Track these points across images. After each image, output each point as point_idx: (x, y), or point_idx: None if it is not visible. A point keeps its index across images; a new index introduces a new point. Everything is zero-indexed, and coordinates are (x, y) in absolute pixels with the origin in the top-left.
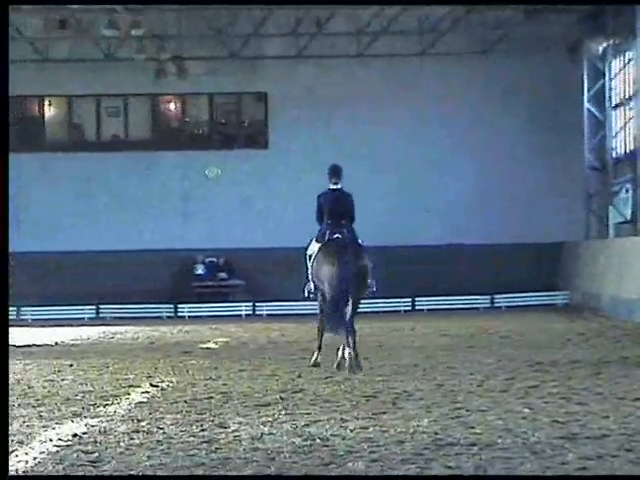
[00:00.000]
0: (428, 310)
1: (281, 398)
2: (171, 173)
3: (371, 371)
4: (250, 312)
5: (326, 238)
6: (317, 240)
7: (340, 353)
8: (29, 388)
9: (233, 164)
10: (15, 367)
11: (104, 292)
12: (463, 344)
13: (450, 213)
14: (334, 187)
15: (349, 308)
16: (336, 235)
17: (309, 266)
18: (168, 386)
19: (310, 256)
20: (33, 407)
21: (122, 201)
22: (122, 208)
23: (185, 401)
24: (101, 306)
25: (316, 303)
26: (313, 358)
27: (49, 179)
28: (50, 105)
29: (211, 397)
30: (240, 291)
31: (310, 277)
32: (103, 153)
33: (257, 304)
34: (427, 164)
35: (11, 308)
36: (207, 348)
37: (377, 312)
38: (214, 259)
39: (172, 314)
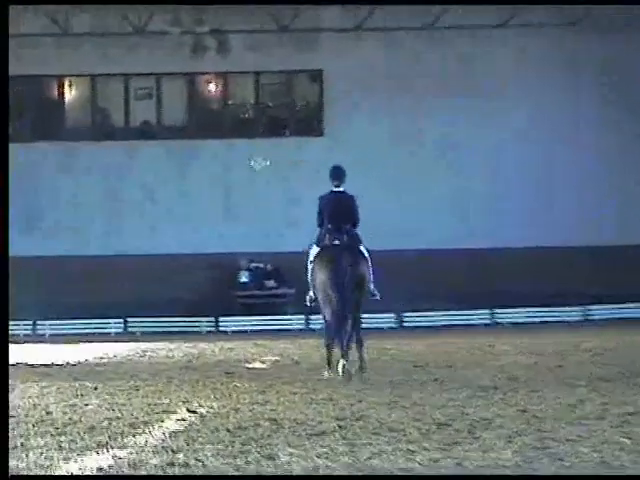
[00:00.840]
0: (510, 324)
1: (339, 426)
2: (210, 165)
3: (443, 395)
4: (303, 326)
5: (325, 243)
6: (316, 244)
7: (338, 366)
8: (47, 414)
9: (283, 154)
10: (31, 390)
11: (133, 303)
12: (550, 363)
13: (534, 210)
14: (336, 189)
15: (348, 318)
16: (336, 240)
17: (309, 272)
18: (208, 412)
19: (312, 261)
20: (52, 436)
21: (154, 197)
22: (154, 205)
23: (228, 429)
24: (130, 319)
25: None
26: (325, 376)
27: (69, 172)
28: (71, 86)
29: (258, 425)
30: (291, 302)
31: (311, 284)
32: (132, 142)
33: (311, 317)
34: (513, 154)
35: (26, 322)
36: (253, 368)
37: (452, 326)
38: (261, 265)
39: (212, 328)
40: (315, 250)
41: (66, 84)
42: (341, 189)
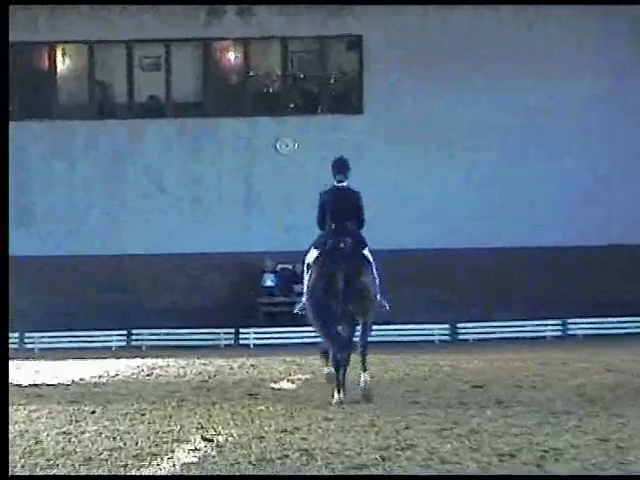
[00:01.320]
0: (584, 336)
1: (382, 458)
2: (229, 148)
3: (507, 421)
4: None
5: (326, 246)
6: (316, 247)
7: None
8: (37, 443)
9: (315, 135)
10: (18, 414)
11: (138, 312)
12: (635, 383)
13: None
14: (339, 184)
15: (346, 331)
16: (341, 244)
17: (305, 277)
18: (227, 441)
19: (308, 265)
20: (42, 469)
21: (162, 186)
22: (162, 196)
23: (250, 462)
24: (134, 331)
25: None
26: (334, 400)
27: (63, 157)
28: (64, 55)
29: (286, 456)
30: None
31: (305, 291)
32: (137, 121)
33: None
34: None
35: (11, 334)
36: (280, 389)
37: (516, 338)
38: (289, 266)
39: (232, 341)
40: (314, 254)
41: (59, 53)
42: (345, 184)
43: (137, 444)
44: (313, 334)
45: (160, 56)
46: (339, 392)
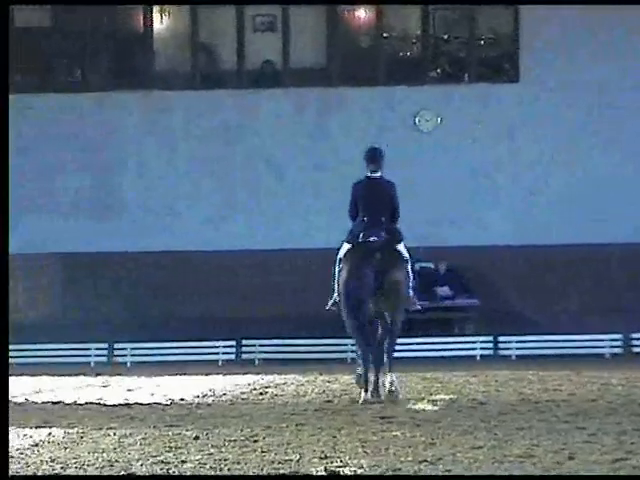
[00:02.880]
0: None
1: None
2: (359, 123)
3: None
4: (490, 352)
5: (359, 239)
6: (348, 241)
7: (371, 380)
8: (129, 475)
9: (462, 107)
10: (106, 440)
11: (248, 319)
12: None
13: None
14: (372, 175)
15: (378, 329)
16: (372, 237)
17: (336, 272)
18: (355, 473)
19: (340, 260)
20: None
21: (280, 169)
22: (280, 181)
23: None
24: (245, 342)
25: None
26: (361, 399)
27: (159, 134)
28: (162, 16)
29: None
30: (473, 317)
31: (336, 286)
32: (248, 91)
33: (501, 339)
34: None
35: (99, 346)
36: (419, 410)
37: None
38: (429, 264)
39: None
40: (345, 247)
41: (156, 11)
42: (378, 174)
43: (247, 474)
44: (459, 346)
45: (275, 15)
46: (366, 392)
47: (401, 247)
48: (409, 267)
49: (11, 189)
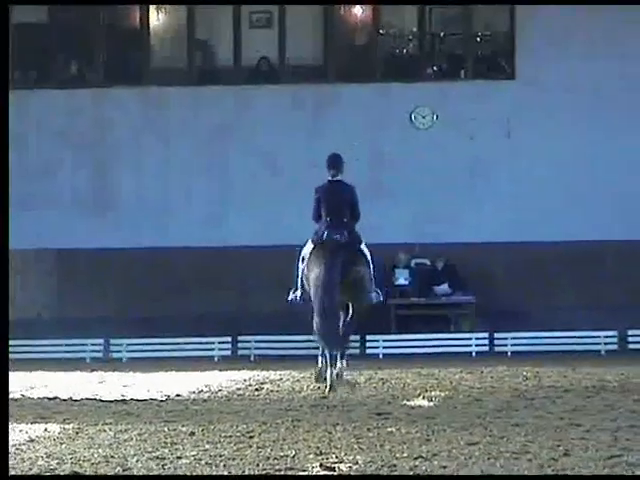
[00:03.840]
0: None
1: None
2: (354, 119)
3: None
4: (485, 348)
5: (324, 238)
6: (313, 240)
7: (325, 370)
8: (125, 471)
9: (458, 104)
10: (102, 436)
11: (243, 316)
12: None
13: None
14: (333, 179)
15: (340, 320)
16: (335, 236)
17: (300, 269)
18: (350, 469)
19: (303, 258)
20: None
21: (275, 165)
22: (275, 177)
23: None
24: (240, 338)
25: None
26: (326, 392)
27: (156, 130)
28: (159, 13)
29: None
30: (468, 313)
31: (299, 282)
32: (245, 87)
33: (497, 335)
34: None
35: (94, 341)
36: (415, 407)
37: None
38: (426, 261)
39: (357, 350)
40: (310, 246)
41: (152, 7)
42: (339, 178)
43: (243, 471)
44: (455, 342)
45: (272, 12)
46: (330, 384)
47: (362, 246)
48: (370, 264)
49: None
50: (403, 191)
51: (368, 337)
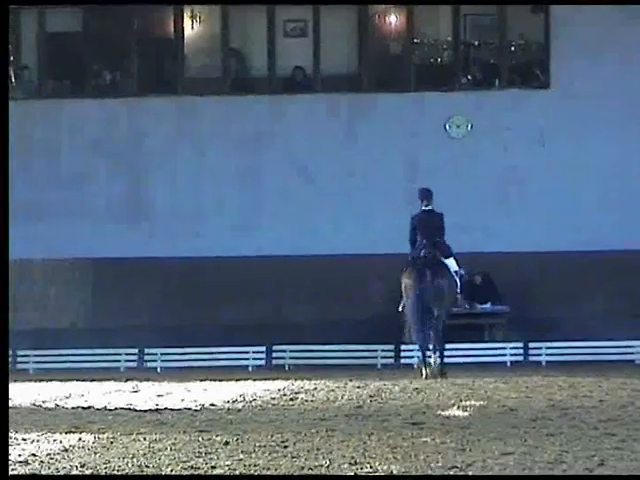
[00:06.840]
0: None
1: None
2: (389, 128)
3: None
4: (520, 358)
5: (419, 255)
6: (411, 257)
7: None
8: None
9: (492, 113)
10: (137, 446)
11: (277, 326)
12: None
13: None
14: (425, 208)
15: (431, 322)
16: (427, 254)
17: (402, 282)
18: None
19: (404, 273)
20: None
21: (308, 174)
22: (308, 185)
23: None
24: (275, 348)
25: None
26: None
27: (189, 139)
28: (193, 20)
29: None
30: (502, 323)
31: (403, 292)
32: (278, 97)
33: (531, 345)
34: None
35: (129, 351)
36: (449, 417)
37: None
38: (462, 271)
39: (392, 360)
40: (408, 263)
41: (187, 16)
42: (430, 207)
43: None
44: (490, 352)
45: (307, 20)
46: (426, 371)
47: (450, 260)
48: (453, 277)
49: (42, 195)
50: (438, 201)
51: (403, 347)
